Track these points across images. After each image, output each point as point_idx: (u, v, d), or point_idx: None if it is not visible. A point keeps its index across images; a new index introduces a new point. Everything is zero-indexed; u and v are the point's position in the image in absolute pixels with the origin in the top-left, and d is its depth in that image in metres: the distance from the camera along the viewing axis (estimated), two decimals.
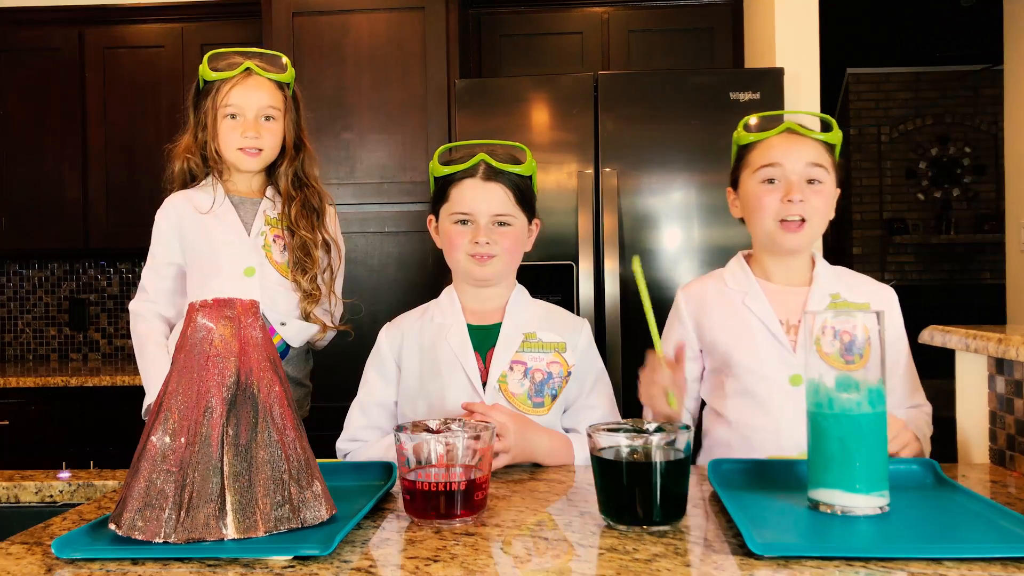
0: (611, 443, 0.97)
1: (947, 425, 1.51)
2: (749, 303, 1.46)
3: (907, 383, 1.47)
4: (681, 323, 1.52)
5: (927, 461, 1.16)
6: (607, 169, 2.52)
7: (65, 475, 1.33)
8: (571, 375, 1.42)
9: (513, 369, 1.39)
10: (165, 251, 1.76)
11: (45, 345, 3.48)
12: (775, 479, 1.13)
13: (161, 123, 3.08)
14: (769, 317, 1.44)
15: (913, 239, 6.93)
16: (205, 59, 1.72)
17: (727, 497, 1.00)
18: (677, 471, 0.95)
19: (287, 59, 1.77)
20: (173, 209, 1.75)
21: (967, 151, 7.01)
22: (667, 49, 3.07)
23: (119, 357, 3.44)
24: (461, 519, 0.98)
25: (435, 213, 1.48)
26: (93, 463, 2.71)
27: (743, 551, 0.87)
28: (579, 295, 2.50)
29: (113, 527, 0.89)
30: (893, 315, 1.46)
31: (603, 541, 0.92)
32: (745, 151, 1.49)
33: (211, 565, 0.85)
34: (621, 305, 2.48)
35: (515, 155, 1.43)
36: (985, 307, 6.48)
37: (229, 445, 0.91)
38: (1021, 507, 1.06)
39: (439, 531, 0.96)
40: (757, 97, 2.49)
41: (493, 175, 1.40)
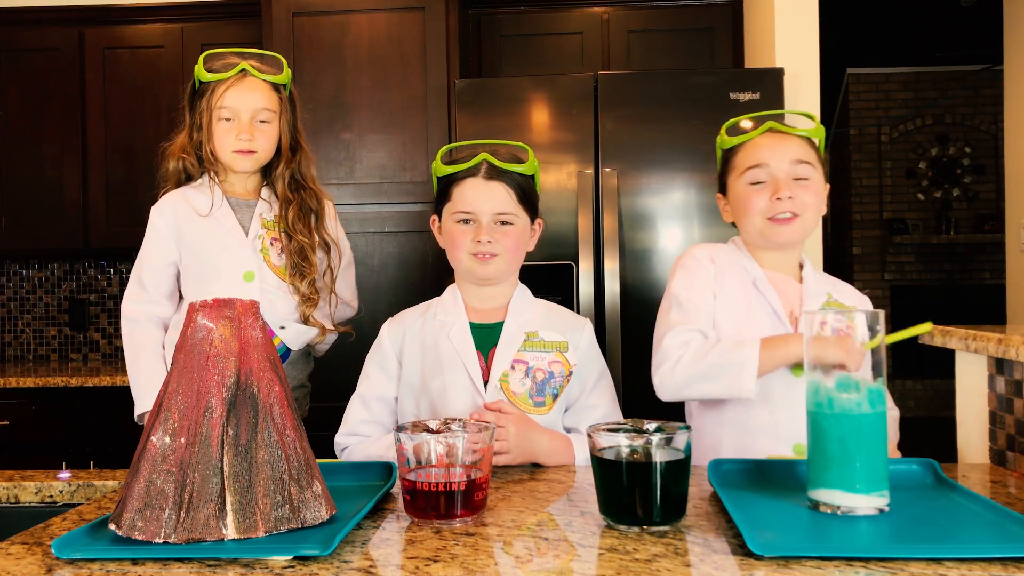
0: (611, 443, 0.97)
1: (947, 425, 1.51)
2: (760, 286, 1.43)
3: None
4: (703, 269, 1.46)
5: (927, 461, 1.16)
6: (607, 169, 2.52)
7: (65, 475, 1.33)
8: (572, 374, 1.42)
9: (515, 368, 1.39)
10: (164, 250, 1.75)
11: (45, 345, 3.48)
12: (775, 479, 1.13)
13: (161, 123, 3.08)
14: (777, 303, 1.42)
15: (913, 239, 6.93)
16: (201, 59, 1.71)
17: (727, 497, 1.00)
18: (677, 471, 0.95)
19: (284, 60, 1.77)
20: (171, 208, 1.74)
21: (967, 151, 7.01)
22: (667, 49, 3.07)
23: (119, 357, 3.44)
24: (461, 519, 0.98)
25: (438, 213, 1.48)
26: (93, 463, 2.71)
27: (743, 551, 0.87)
28: (579, 295, 2.50)
29: (113, 527, 0.89)
30: None
31: (603, 541, 0.92)
32: (730, 155, 1.48)
33: (211, 565, 0.85)
34: (621, 305, 2.48)
35: (517, 155, 1.44)
36: (985, 307, 6.49)
37: (229, 445, 0.91)
38: (1021, 507, 1.06)
39: (439, 531, 0.96)
40: (757, 97, 2.49)
41: (495, 174, 1.41)
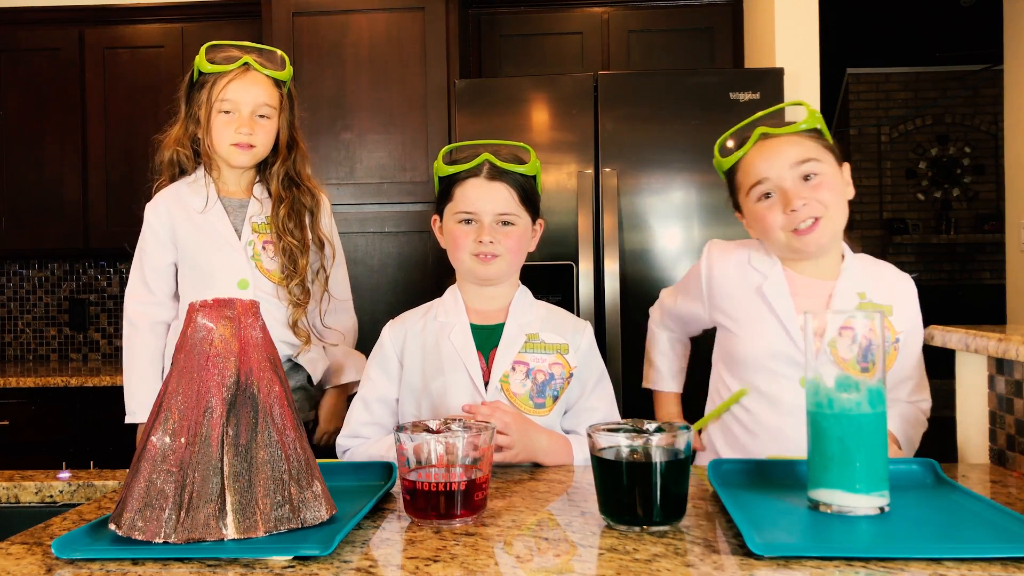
0: (611, 443, 0.97)
1: (947, 425, 1.51)
2: (767, 291, 1.38)
3: (918, 376, 1.45)
4: (698, 278, 1.48)
5: (927, 461, 1.15)
6: (607, 169, 2.52)
7: (65, 475, 1.33)
8: (573, 376, 1.42)
9: (515, 369, 1.39)
10: (163, 251, 1.74)
11: (45, 345, 3.48)
12: (775, 479, 1.13)
13: (161, 123, 3.03)
14: (786, 311, 1.36)
15: (913, 239, 6.93)
16: (202, 50, 1.69)
17: (727, 497, 1.00)
18: (677, 471, 0.95)
19: (285, 56, 1.75)
20: (165, 207, 1.73)
21: (967, 151, 7.01)
22: (667, 49, 3.07)
23: (119, 357, 3.43)
24: (461, 519, 0.98)
25: (439, 213, 1.48)
26: (93, 463, 2.71)
27: (743, 551, 0.87)
28: (579, 295, 2.50)
29: (113, 527, 0.89)
30: (911, 306, 1.42)
31: (603, 541, 0.92)
32: (731, 175, 1.44)
33: (211, 565, 0.85)
34: (621, 305, 2.48)
35: (519, 155, 1.44)
36: (985, 307, 6.49)
37: (229, 445, 0.91)
38: (1021, 507, 1.06)
39: (439, 531, 0.96)
40: (757, 97, 2.49)
41: (497, 175, 1.40)
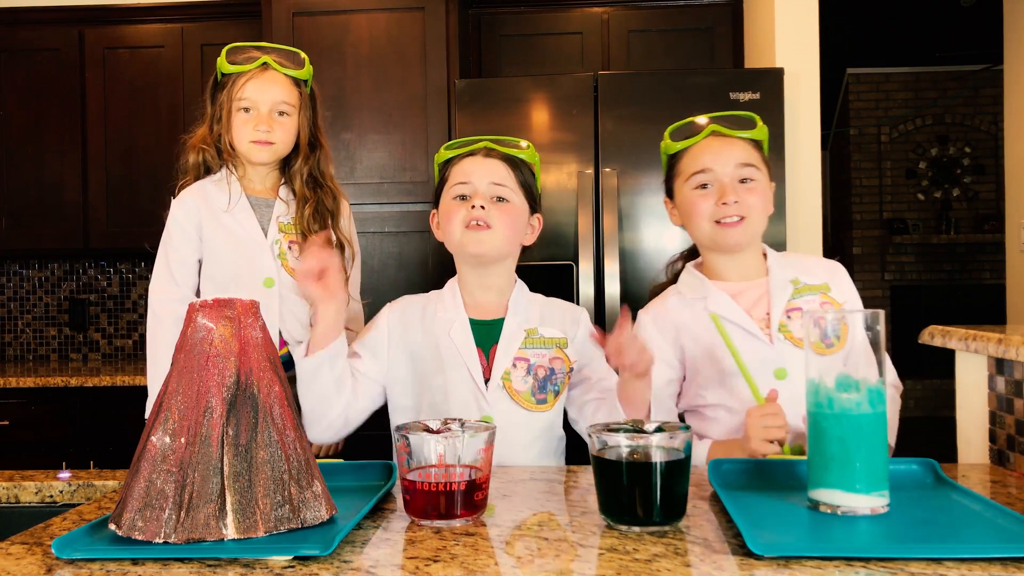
0: (611, 443, 0.97)
1: (947, 425, 1.51)
2: (712, 306, 1.43)
3: (868, 358, 1.46)
4: (659, 332, 1.48)
5: (927, 461, 1.16)
6: (607, 169, 2.52)
7: (65, 475, 1.33)
8: (573, 371, 1.42)
9: (516, 366, 1.39)
10: (189, 245, 1.73)
11: (45, 345, 3.48)
12: (775, 479, 1.13)
13: (161, 123, 3.08)
14: (738, 315, 1.42)
15: (913, 239, 6.93)
16: (224, 52, 1.72)
17: (727, 497, 1.00)
18: (677, 471, 0.95)
19: (305, 56, 1.77)
20: (193, 203, 1.73)
21: (967, 151, 7.02)
22: (667, 49, 3.07)
23: (119, 357, 3.44)
24: (461, 519, 0.98)
25: (437, 203, 1.47)
26: (93, 463, 2.71)
27: (743, 551, 0.87)
28: (579, 295, 2.50)
29: (113, 527, 0.89)
30: (845, 284, 1.49)
31: (603, 541, 0.92)
32: (675, 160, 1.51)
33: (211, 565, 0.85)
34: (621, 305, 2.48)
35: (517, 144, 1.46)
36: (985, 307, 6.49)
37: (229, 445, 0.91)
38: (1021, 507, 1.06)
39: (439, 531, 0.96)
40: (757, 97, 2.49)
41: (494, 154, 1.43)
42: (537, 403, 1.39)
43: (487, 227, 1.38)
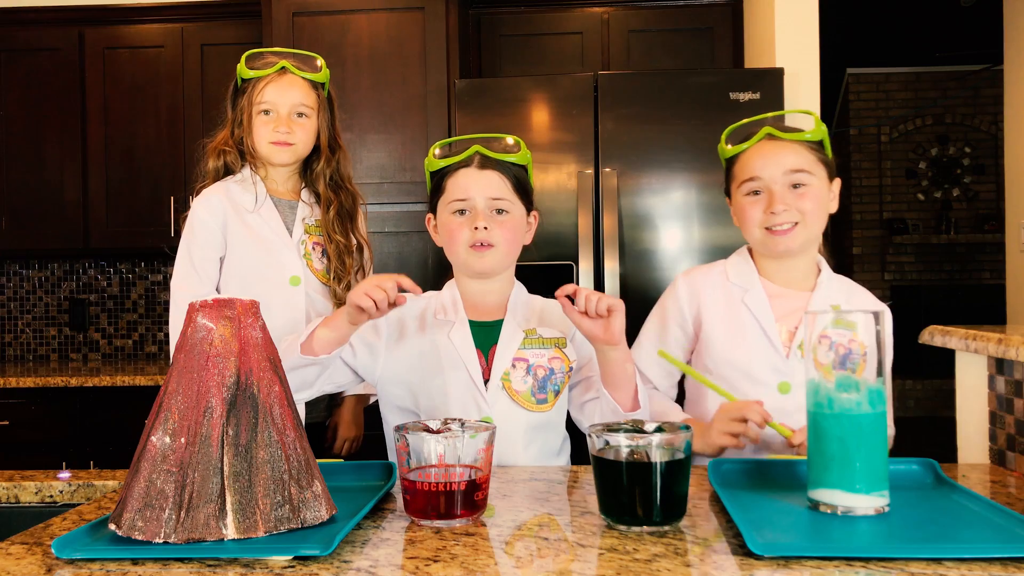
0: (611, 443, 0.97)
1: (947, 425, 1.51)
2: (748, 301, 1.45)
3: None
4: (679, 310, 1.51)
5: (927, 461, 1.16)
6: (607, 169, 2.52)
7: (65, 475, 1.33)
8: (572, 370, 1.42)
9: (515, 367, 1.39)
10: (213, 243, 1.75)
11: (45, 345, 3.48)
12: (775, 479, 1.13)
13: (161, 123, 3.08)
14: (767, 319, 1.43)
15: (913, 239, 6.93)
16: (243, 58, 1.77)
17: (727, 497, 1.00)
18: (677, 471, 0.95)
19: (322, 60, 1.81)
20: (217, 201, 1.75)
21: (967, 151, 7.01)
22: (667, 49, 3.07)
23: (119, 357, 3.44)
24: (461, 519, 0.98)
25: (433, 210, 1.47)
26: (93, 463, 2.71)
27: (743, 551, 0.87)
28: None
29: (113, 527, 0.89)
30: (884, 331, 1.47)
31: (603, 541, 0.92)
32: (731, 164, 1.50)
33: (211, 565, 0.85)
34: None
35: (509, 145, 1.44)
36: (985, 307, 6.49)
37: (229, 445, 0.91)
38: (1021, 507, 1.06)
39: (439, 531, 0.96)
40: (757, 97, 2.49)
41: (489, 163, 1.40)
42: (537, 403, 1.39)
43: (490, 247, 1.39)
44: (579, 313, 1.26)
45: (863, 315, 1.01)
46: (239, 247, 1.75)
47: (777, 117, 1.50)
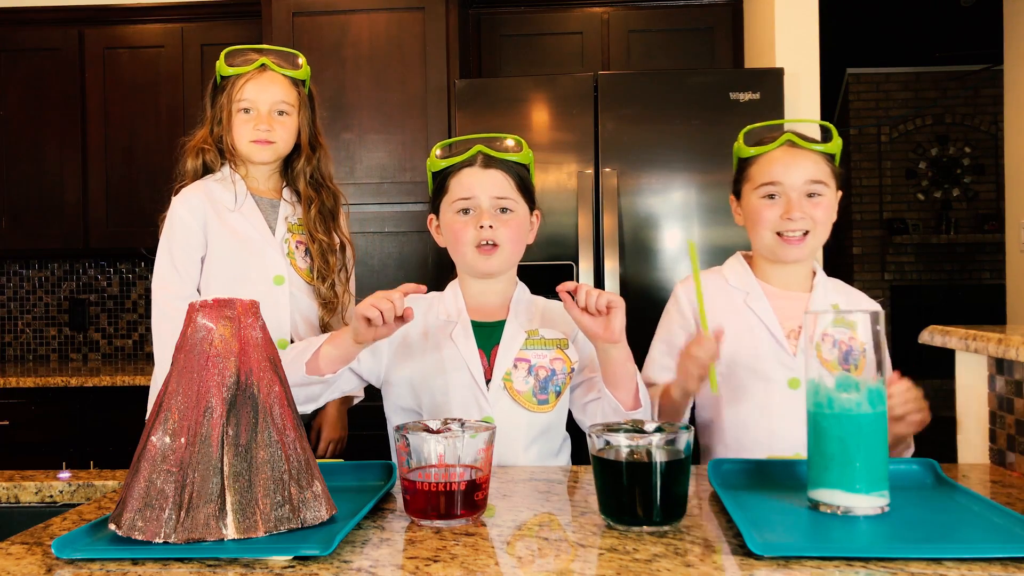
0: (611, 443, 0.97)
1: (947, 425, 1.51)
2: (751, 303, 1.47)
3: None
4: (681, 316, 1.52)
5: (927, 461, 1.16)
6: (607, 169, 2.52)
7: (65, 475, 1.33)
8: (574, 371, 1.42)
9: (517, 367, 1.39)
10: (195, 243, 1.72)
11: (45, 345, 3.48)
12: (775, 479, 1.13)
13: (161, 123, 3.08)
14: (771, 319, 1.45)
15: (913, 239, 6.93)
16: (222, 55, 1.74)
17: (727, 497, 1.00)
18: (677, 471, 0.95)
19: (303, 57, 1.79)
20: (198, 200, 1.72)
21: (967, 151, 7.01)
22: (667, 49, 3.07)
23: (119, 357, 3.44)
24: (461, 519, 0.98)
25: (435, 210, 1.47)
26: (93, 463, 2.71)
27: (743, 551, 0.87)
28: None
29: (113, 527, 0.89)
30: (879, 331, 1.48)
31: (603, 541, 0.92)
32: (746, 164, 1.51)
33: (211, 565, 0.85)
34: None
35: (511, 145, 1.45)
36: (985, 307, 6.48)
37: (229, 445, 0.91)
38: (1021, 507, 1.06)
39: (439, 531, 0.96)
40: (757, 97, 2.49)
41: (492, 163, 1.41)
42: (538, 403, 1.39)
43: (495, 247, 1.39)
44: (579, 309, 1.26)
45: (862, 314, 1.01)
46: (221, 247, 1.72)
47: (796, 126, 1.52)
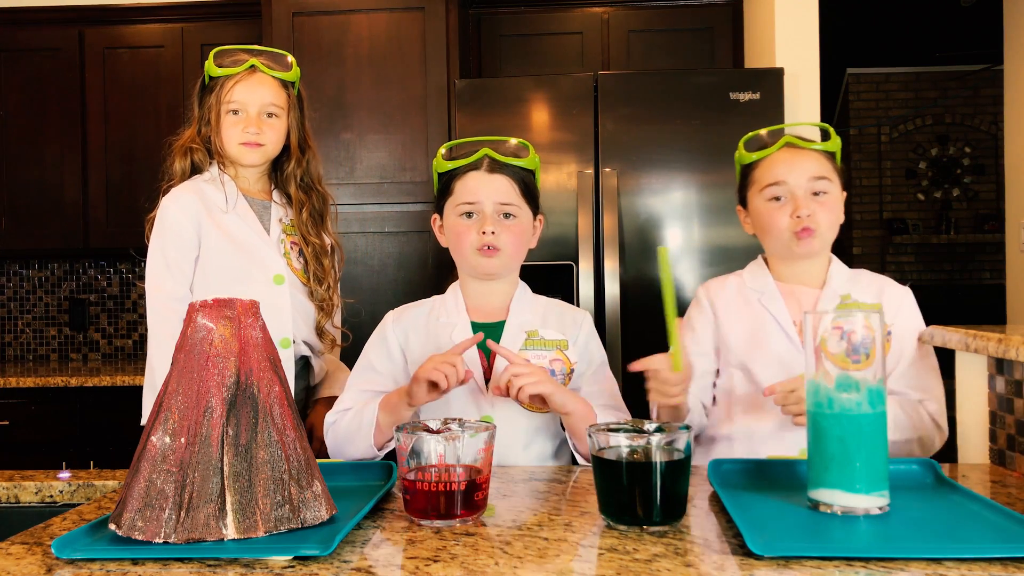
0: (611, 443, 0.97)
1: (947, 425, 1.51)
2: (765, 302, 1.49)
3: (909, 377, 1.47)
4: (703, 315, 1.54)
5: (927, 461, 1.16)
6: (607, 169, 2.52)
7: (65, 475, 1.33)
8: (574, 372, 1.42)
9: None
10: (190, 244, 1.70)
11: (45, 345, 3.48)
12: (775, 479, 1.13)
13: (161, 123, 3.08)
14: (783, 315, 1.47)
15: (913, 239, 6.93)
16: (211, 55, 1.72)
17: (727, 497, 1.00)
18: (677, 471, 0.95)
19: (292, 58, 1.77)
20: (192, 202, 1.70)
21: (967, 151, 7.01)
22: (667, 49, 3.06)
23: (119, 357, 3.44)
24: (461, 519, 0.98)
25: (439, 210, 1.48)
26: (93, 463, 2.71)
27: (743, 551, 0.87)
28: (579, 295, 2.50)
29: (113, 527, 0.89)
30: (904, 312, 1.49)
31: (603, 541, 0.92)
32: (749, 170, 1.52)
33: (211, 565, 0.85)
34: (621, 305, 2.48)
35: (518, 150, 1.45)
36: (985, 307, 6.48)
37: (229, 445, 0.91)
38: (1021, 507, 1.06)
39: (439, 531, 0.96)
40: (757, 97, 2.49)
41: (497, 167, 1.42)
42: (538, 403, 1.39)
43: (496, 251, 1.40)
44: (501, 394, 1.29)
45: (860, 313, 1.00)
46: (217, 248, 1.70)
47: (795, 128, 1.53)
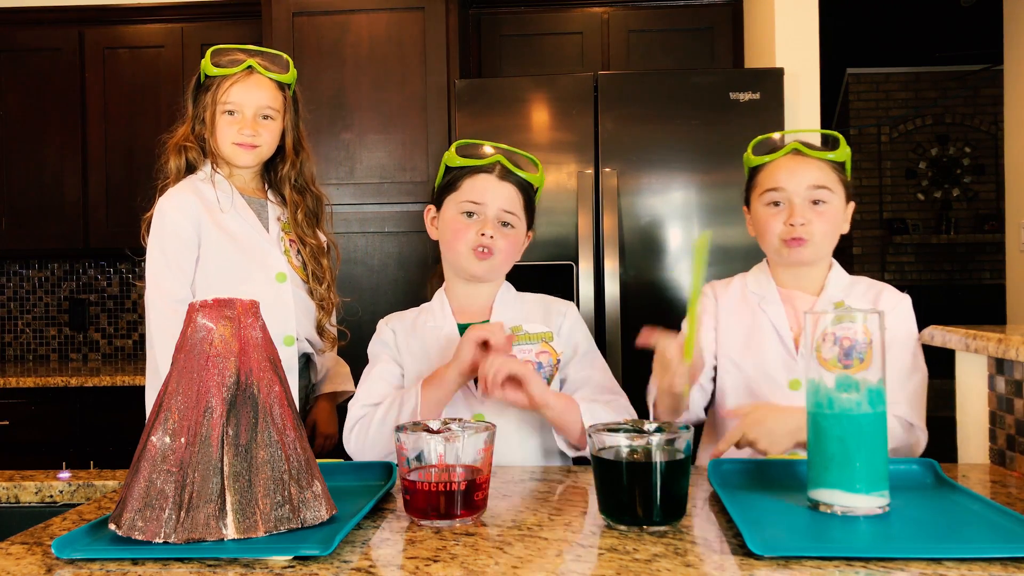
0: (611, 443, 0.97)
1: (947, 425, 1.51)
2: (765, 307, 1.51)
3: (899, 386, 1.41)
4: (707, 312, 1.56)
5: (927, 461, 1.16)
6: (607, 169, 2.52)
7: (65, 475, 1.33)
8: (560, 363, 1.43)
9: None
10: (190, 244, 1.69)
11: (45, 345, 3.48)
12: (775, 479, 1.13)
13: (161, 123, 3.06)
14: (780, 320, 1.48)
15: (913, 239, 6.93)
16: (208, 53, 1.71)
17: (727, 497, 1.00)
18: (677, 471, 0.95)
19: (290, 60, 1.77)
20: (191, 202, 1.69)
21: (967, 151, 7.01)
22: (667, 49, 3.06)
23: (119, 357, 3.44)
24: (461, 519, 0.98)
25: (438, 204, 1.48)
26: (93, 463, 2.71)
27: (743, 551, 0.87)
28: (579, 295, 2.50)
29: (113, 527, 0.89)
30: (898, 321, 1.47)
31: (603, 541, 0.92)
32: (754, 173, 1.54)
33: (211, 565, 0.85)
34: (621, 305, 2.48)
35: (529, 164, 1.48)
36: (985, 307, 6.48)
37: (229, 445, 0.91)
38: (1021, 507, 1.06)
39: (439, 531, 0.96)
40: (757, 97, 2.49)
41: (508, 176, 1.44)
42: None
43: (491, 254, 1.41)
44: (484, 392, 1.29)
45: (861, 313, 1.01)
46: (218, 247, 1.69)
47: (803, 135, 1.54)
